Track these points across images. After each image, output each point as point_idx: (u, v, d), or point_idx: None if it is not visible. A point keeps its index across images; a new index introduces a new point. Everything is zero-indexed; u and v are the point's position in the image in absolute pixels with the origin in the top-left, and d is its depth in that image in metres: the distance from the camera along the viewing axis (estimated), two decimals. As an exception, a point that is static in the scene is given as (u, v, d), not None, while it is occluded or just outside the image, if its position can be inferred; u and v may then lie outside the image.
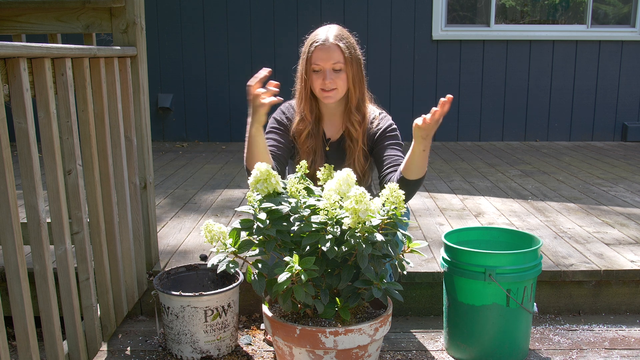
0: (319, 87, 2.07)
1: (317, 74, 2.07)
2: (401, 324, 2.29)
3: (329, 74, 2.04)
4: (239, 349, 2.10)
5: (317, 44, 2.06)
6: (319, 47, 2.05)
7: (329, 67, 2.04)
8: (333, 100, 2.09)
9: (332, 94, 2.07)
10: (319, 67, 2.05)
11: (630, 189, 3.92)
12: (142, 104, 2.24)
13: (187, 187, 4.02)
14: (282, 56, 6.15)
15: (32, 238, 1.53)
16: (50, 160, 1.61)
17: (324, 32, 2.08)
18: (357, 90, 2.12)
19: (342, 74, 2.06)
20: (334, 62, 2.04)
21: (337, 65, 2.04)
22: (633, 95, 6.30)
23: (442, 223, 3.08)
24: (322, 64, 2.05)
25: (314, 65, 2.06)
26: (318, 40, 2.06)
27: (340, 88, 2.07)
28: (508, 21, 6.37)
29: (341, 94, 2.10)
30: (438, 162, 5.07)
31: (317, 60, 2.05)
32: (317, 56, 2.05)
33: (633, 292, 2.40)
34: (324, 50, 2.04)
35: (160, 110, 6.30)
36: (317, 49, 2.05)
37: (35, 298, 1.57)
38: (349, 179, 1.65)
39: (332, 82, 2.04)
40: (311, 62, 2.07)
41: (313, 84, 2.09)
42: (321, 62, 2.05)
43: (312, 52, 2.07)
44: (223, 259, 1.64)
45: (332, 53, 2.04)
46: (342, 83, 2.07)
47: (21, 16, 2.18)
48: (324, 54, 2.04)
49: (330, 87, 2.05)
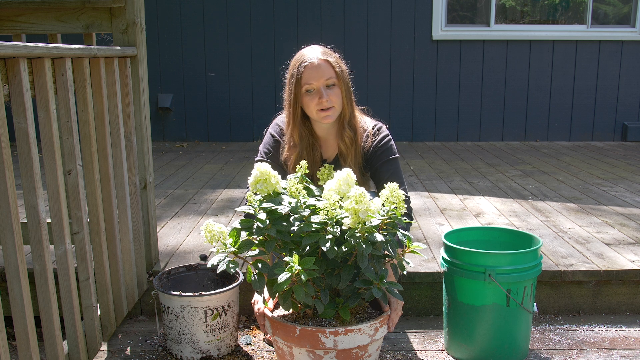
0: (315, 109, 1.99)
1: (311, 95, 1.98)
2: (401, 324, 2.29)
3: (325, 92, 1.97)
4: (239, 349, 2.10)
5: (305, 63, 1.98)
6: (309, 66, 1.97)
7: (322, 85, 1.97)
8: (332, 119, 2.01)
9: (330, 113, 2.00)
10: (312, 87, 1.97)
11: (630, 189, 3.92)
12: (142, 104, 2.24)
13: (187, 187, 4.02)
14: (282, 56, 6.15)
15: (32, 238, 1.53)
16: (50, 160, 1.61)
17: (309, 52, 2.01)
18: (349, 105, 2.05)
19: (337, 90, 1.99)
20: (326, 78, 1.97)
21: (330, 80, 1.97)
22: (633, 95, 6.30)
23: (442, 223, 3.08)
24: (315, 83, 1.97)
25: (306, 86, 1.98)
26: (306, 60, 1.98)
27: (337, 105, 2.00)
28: (508, 21, 6.38)
29: (339, 111, 2.03)
30: (438, 162, 5.07)
31: (309, 80, 1.97)
32: (308, 75, 1.97)
33: (633, 292, 2.40)
34: (314, 68, 1.97)
35: (160, 110, 6.31)
36: (307, 68, 1.97)
37: (35, 298, 1.58)
38: (349, 179, 1.65)
39: (328, 100, 1.97)
40: (302, 84, 1.98)
41: (308, 106, 2.00)
42: (314, 80, 1.96)
43: (302, 72, 1.98)
44: (223, 259, 1.64)
45: (324, 70, 1.97)
46: (338, 99, 2.00)
47: (21, 16, 2.18)
48: (315, 72, 1.96)
49: (327, 105, 1.97)
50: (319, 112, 1.99)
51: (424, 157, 5.31)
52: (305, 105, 2.02)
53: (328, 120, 2.02)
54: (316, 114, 2.00)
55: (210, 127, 6.40)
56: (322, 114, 1.99)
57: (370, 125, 2.13)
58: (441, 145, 6.03)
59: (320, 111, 1.99)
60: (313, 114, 2.02)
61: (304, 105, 2.01)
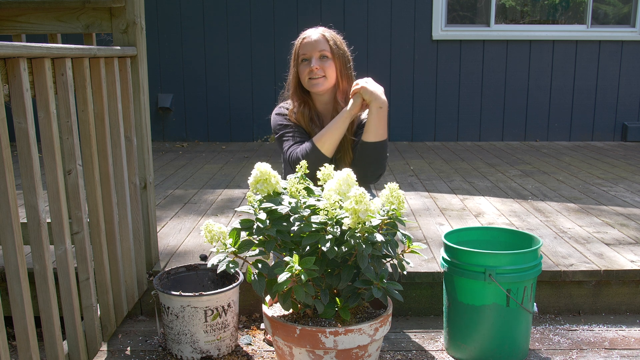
0: (307, 77, 2.16)
1: (304, 64, 2.16)
2: (401, 324, 2.30)
3: (315, 61, 2.13)
4: (239, 349, 2.10)
5: (304, 37, 2.19)
6: (306, 39, 2.18)
7: (315, 55, 2.14)
8: (321, 87, 2.15)
9: (320, 81, 2.14)
10: (306, 56, 2.15)
11: (630, 189, 3.92)
12: (142, 104, 2.24)
13: (187, 187, 4.02)
14: (282, 56, 6.15)
15: (32, 238, 1.53)
16: (50, 160, 1.61)
17: (311, 29, 2.21)
18: (344, 81, 2.20)
19: (330, 63, 2.15)
20: (320, 49, 2.14)
21: (323, 52, 2.15)
22: (633, 95, 6.30)
23: (442, 223, 3.08)
24: (308, 52, 2.15)
25: (302, 56, 2.17)
26: (306, 36, 2.19)
27: (329, 77, 2.15)
28: (508, 21, 6.37)
29: (330, 83, 2.17)
30: (438, 162, 5.07)
31: (304, 50, 2.16)
32: (304, 47, 2.17)
33: (633, 292, 2.40)
34: (310, 42, 2.17)
35: (160, 110, 6.31)
36: (304, 41, 2.18)
37: (35, 298, 1.58)
38: (349, 179, 1.65)
39: (319, 69, 2.13)
40: (300, 54, 2.17)
41: (302, 74, 2.18)
42: (307, 51, 2.15)
43: (299, 46, 2.19)
44: (223, 259, 1.64)
45: (318, 43, 2.15)
46: (331, 72, 2.16)
47: (21, 16, 2.18)
48: (310, 44, 2.16)
49: (317, 73, 2.13)
50: (310, 80, 2.16)
51: (424, 157, 5.31)
52: (300, 74, 2.20)
53: (316, 89, 2.16)
54: (307, 82, 2.17)
55: (210, 127, 6.40)
56: (312, 82, 2.16)
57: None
58: (441, 145, 6.02)
59: (310, 79, 2.16)
60: (305, 82, 2.19)
61: (300, 74, 2.20)
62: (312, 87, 2.16)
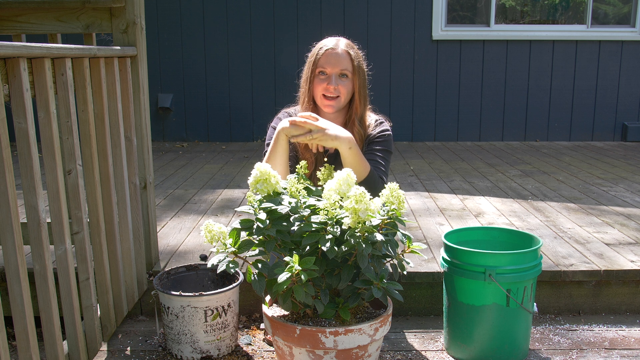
0: (320, 93, 2.02)
1: (321, 79, 2.01)
2: (401, 324, 2.30)
3: (335, 80, 1.99)
4: (239, 349, 2.10)
5: (326, 47, 2.01)
6: (329, 51, 2.00)
7: (335, 73, 1.99)
8: (333, 109, 2.03)
9: (333, 103, 2.01)
10: (326, 71, 2.00)
11: (630, 189, 3.92)
12: (142, 104, 2.24)
13: (187, 187, 4.02)
14: (282, 56, 6.15)
15: (32, 238, 1.53)
16: (50, 160, 1.61)
17: (334, 40, 2.04)
18: (362, 102, 2.06)
19: (348, 82, 2.01)
20: (342, 68, 1.99)
21: (344, 71, 1.99)
22: (633, 95, 6.30)
23: (442, 223, 3.08)
24: (329, 69, 1.99)
25: (320, 69, 2.00)
26: (328, 45, 2.01)
27: (342, 97, 2.01)
28: (508, 21, 6.38)
29: (342, 104, 2.04)
30: (438, 162, 5.07)
31: (325, 64, 2.00)
32: (324, 60, 2.00)
33: (633, 292, 2.40)
34: (333, 55, 1.99)
35: (160, 110, 6.31)
36: (327, 52, 2.00)
37: (35, 298, 1.57)
38: (349, 179, 1.65)
39: (336, 89, 1.99)
40: (317, 66, 2.01)
41: (316, 88, 2.03)
42: (328, 66, 1.99)
43: (320, 55, 2.01)
44: (223, 259, 1.64)
45: (341, 59, 1.99)
46: (346, 91, 2.01)
47: (21, 16, 2.18)
48: (333, 58, 1.99)
49: (333, 94, 1.99)
50: (323, 98, 2.02)
51: (424, 157, 5.31)
52: (314, 87, 2.04)
53: (329, 110, 2.03)
54: (320, 98, 2.03)
55: (210, 127, 6.40)
56: (325, 101, 2.02)
57: (373, 119, 2.16)
58: (441, 145, 6.02)
59: (324, 98, 2.01)
60: (317, 98, 2.04)
61: (314, 86, 2.04)
62: (323, 107, 2.03)
